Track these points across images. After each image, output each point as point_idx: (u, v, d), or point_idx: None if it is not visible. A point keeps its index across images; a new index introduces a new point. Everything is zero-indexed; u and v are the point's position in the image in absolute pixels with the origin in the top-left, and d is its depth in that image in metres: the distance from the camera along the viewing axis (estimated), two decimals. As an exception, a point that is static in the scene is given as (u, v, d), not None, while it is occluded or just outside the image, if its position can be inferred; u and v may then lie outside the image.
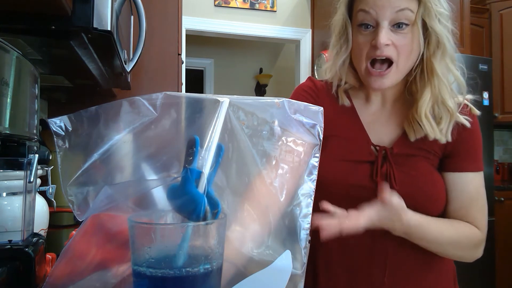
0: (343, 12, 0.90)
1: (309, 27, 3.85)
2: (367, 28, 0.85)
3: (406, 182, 0.87)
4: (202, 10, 3.55)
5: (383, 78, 0.86)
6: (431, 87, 0.87)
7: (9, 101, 0.66)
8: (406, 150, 0.90)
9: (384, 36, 0.82)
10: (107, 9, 0.79)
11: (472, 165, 0.91)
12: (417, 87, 0.90)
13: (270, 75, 5.32)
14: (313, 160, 0.58)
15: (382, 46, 0.82)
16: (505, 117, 3.66)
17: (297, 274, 0.54)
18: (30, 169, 0.68)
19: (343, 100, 0.95)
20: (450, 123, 0.88)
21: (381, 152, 0.90)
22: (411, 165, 0.89)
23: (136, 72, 1.93)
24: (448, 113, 0.88)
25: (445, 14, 0.86)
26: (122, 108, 0.51)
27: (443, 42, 0.85)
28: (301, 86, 1.00)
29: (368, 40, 0.85)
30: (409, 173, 0.88)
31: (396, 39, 0.83)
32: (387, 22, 0.82)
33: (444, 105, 0.87)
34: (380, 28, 0.82)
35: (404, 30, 0.83)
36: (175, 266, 0.45)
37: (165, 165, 0.53)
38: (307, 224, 0.56)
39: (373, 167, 0.88)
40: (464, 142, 0.90)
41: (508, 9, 3.70)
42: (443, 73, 0.87)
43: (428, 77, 0.88)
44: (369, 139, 0.92)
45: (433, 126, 0.87)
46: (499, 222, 3.11)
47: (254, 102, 0.55)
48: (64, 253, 0.52)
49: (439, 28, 0.84)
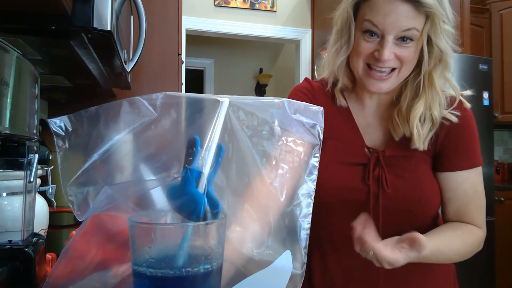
0: (348, 12, 0.87)
1: (309, 27, 3.85)
2: (372, 35, 0.83)
3: (398, 185, 0.86)
4: (202, 10, 3.55)
5: (382, 83, 0.85)
6: (425, 99, 0.87)
7: (9, 101, 0.66)
8: (399, 152, 0.89)
9: (388, 51, 0.81)
10: (107, 9, 0.79)
11: (465, 162, 0.89)
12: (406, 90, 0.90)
13: (270, 75, 5.32)
14: (313, 160, 0.58)
15: (385, 61, 0.82)
16: (505, 117, 3.65)
17: (297, 274, 0.54)
18: (30, 169, 0.68)
19: (340, 101, 0.95)
20: (431, 130, 0.88)
21: (374, 155, 0.89)
22: (404, 167, 0.88)
23: (136, 72, 1.93)
24: (431, 119, 0.87)
25: (450, 32, 0.85)
26: (122, 108, 0.51)
27: (447, 60, 0.85)
28: (298, 87, 1.00)
29: (370, 47, 0.84)
30: (402, 176, 0.87)
31: (399, 51, 0.82)
32: (393, 37, 0.81)
33: (430, 112, 0.87)
34: (385, 42, 0.81)
35: (409, 44, 0.82)
36: (175, 266, 0.45)
37: (165, 165, 0.53)
38: (307, 224, 0.56)
39: (365, 170, 0.88)
40: (454, 139, 0.89)
41: (508, 9, 3.70)
42: (439, 85, 0.87)
43: (425, 89, 0.87)
44: (363, 142, 0.92)
45: (420, 136, 0.86)
46: (499, 222, 3.11)
47: (254, 102, 0.55)
48: (64, 253, 0.52)
49: (444, 46, 0.84)
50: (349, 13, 0.87)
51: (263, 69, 5.37)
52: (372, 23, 0.82)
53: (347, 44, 0.89)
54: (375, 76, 0.85)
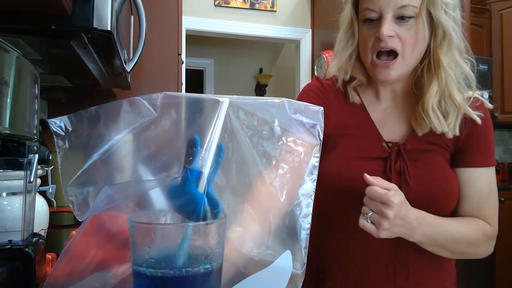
0: (349, 8, 0.90)
1: (309, 27, 3.85)
2: (371, 21, 0.85)
3: (420, 178, 0.86)
4: (202, 10, 3.55)
5: (388, 70, 0.85)
6: (438, 80, 0.86)
7: (9, 101, 0.66)
8: (420, 145, 0.89)
9: (387, 27, 0.82)
10: (107, 9, 0.79)
11: (484, 160, 0.90)
12: (424, 81, 0.89)
13: (270, 75, 5.32)
14: (313, 160, 0.58)
15: (385, 37, 0.82)
16: (505, 117, 3.65)
17: (297, 274, 0.54)
18: (30, 169, 0.68)
19: (353, 98, 0.94)
20: (458, 117, 0.87)
21: (394, 148, 0.88)
22: (425, 161, 0.88)
23: (136, 72, 1.93)
24: (455, 107, 0.86)
25: (451, 3, 0.84)
26: (122, 108, 0.51)
27: (449, 33, 0.84)
28: (309, 86, 1.00)
29: (372, 32, 0.85)
30: (424, 168, 0.87)
31: (400, 30, 0.82)
32: (391, 15, 0.82)
33: (451, 99, 0.86)
34: (383, 20, 0.82)
35: (409, 22, 0.82)
36: (175, 266, 0.45)
37: (165, 165, 0.53)
38: (307, 224, 0.56)
39: (386, 163, 0.87)
40: (476, 136, 0.89)
41: (508, 9, 3.70)
42: (449, 66, 0.86)
43: (435, 70, 0.86)
44: (380, 136, 0.91)
45: (440, 120, 0.86)
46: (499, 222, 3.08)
47: (254, 102, 0.55)
48: (64, 253, 0.52)
49: (445, 19, 0.83)
50: (350, 9, 0.89)
51: (263, 69, 5.37)
52: (369, 9, 0.84)
53: (352, 37, 0.90)
54: (380, 64, 0.85)
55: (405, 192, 0.81)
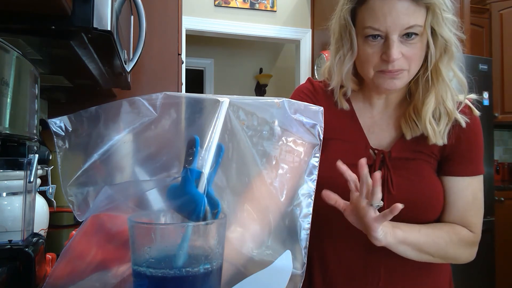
0: (346, 19, 0.86)
1: (309, 27, 3.85)
2: (375, 38, 0.82)
3: (404, 187, 0.86)
4: (202, 10, 3.55)
5: (394, 79, 0.83)
6: (435, 92, 0.86)
7: (9, 101, 0.66)
8: (406, 154, 0.89)
9: (396, 50, 0.79)
10: (107, 9, 0.79)
11: (469, 169, 0.90)
12: (419, 88, 0.89)
13: (270, 75, 5.32)
14: (313, 160, 0.58)
15: (394, 61, 0.80)
16: (505, 117, 3.65)
17: (297, 274, 0.54)
18: (30, 169, 0.68)
19: (342, 104, 0.94)
20: (448, 124, 0.87)
21: (379, 156, 0.89)
22: (410, 169, 0.88)
23: (136, 72, 1.93)
24: (446, 114, 0.87)
25: (451, 19, 0.84)
26: (122, 108, 0.51)
27: (451, 49, 0.84)
28: (300, 87, 1.00)
29: (377, 51, 0.82)
30: (408, 177, 0.87)
31: (406, 50, 0.81)
32: (397, 36, 0.80)
33: (444, 107, 0.87)
34: (391, 42, 0.79)
35: (414, 40, 0.81)
36: (175, 266, 0.45)
37: (165, 165, 0.53)
38: (307, 224, 0.56)
39: (370, 171, 0.87)
40: (462, 145, 0.89)
41: (508, 9, 3.70)
42: (447, 76, 0.86)
43: (433, 82, 0.86)
44: (368, 143, 0.91)
45: (435, 131, 0.86)
46: (499, 222, 3.11)
47: (254, 102, 0.55)
48: (64, 253, 0.52)
49: (448, 35, 0.83)
50: (347, 20, 0.86)
51: (263, 69, 5.37)
52: (374, 29, 0.80)
53: (350, 51, 0.87)
54: (387, 74, 0.83)
55: (388, 200, 0.82)
